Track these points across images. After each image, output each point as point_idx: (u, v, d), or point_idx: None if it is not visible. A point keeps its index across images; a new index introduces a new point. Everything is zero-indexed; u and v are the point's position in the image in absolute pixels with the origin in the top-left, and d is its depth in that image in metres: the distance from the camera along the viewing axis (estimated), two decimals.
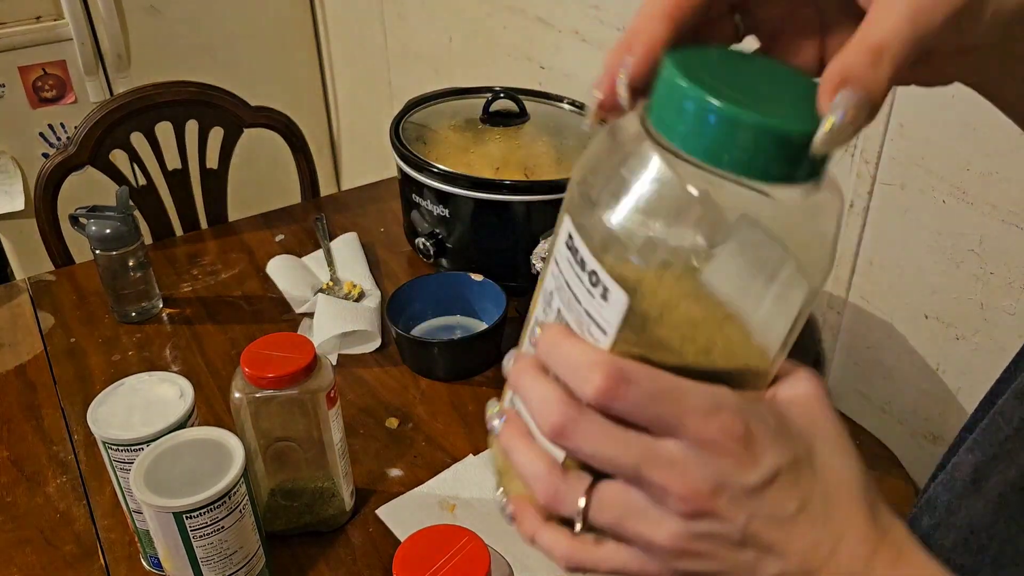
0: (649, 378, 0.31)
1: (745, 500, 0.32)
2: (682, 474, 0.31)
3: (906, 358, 0.89)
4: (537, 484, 0.34)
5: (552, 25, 1.27)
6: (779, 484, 0.32)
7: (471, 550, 0.56)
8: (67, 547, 0.78)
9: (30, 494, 0.84)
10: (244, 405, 0.71)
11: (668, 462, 0.31)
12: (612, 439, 0.32)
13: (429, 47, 1.65)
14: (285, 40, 2.09)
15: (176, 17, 1.92)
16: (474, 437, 0.89)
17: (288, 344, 0.72)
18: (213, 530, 0.63)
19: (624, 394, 0.31)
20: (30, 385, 0.98)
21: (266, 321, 1.08)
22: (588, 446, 0.32)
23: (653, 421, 0.31)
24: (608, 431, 0.32)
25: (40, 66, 1.80)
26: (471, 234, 1.08)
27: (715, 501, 0.32)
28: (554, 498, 0.34)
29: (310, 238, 1.25)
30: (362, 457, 0.87)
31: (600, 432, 0.32)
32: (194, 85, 1.37)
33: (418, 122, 1.18)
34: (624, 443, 0.32)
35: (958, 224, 0.79)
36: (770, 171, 0.29)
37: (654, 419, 0.31)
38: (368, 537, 0.78)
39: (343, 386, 0.96)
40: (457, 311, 1.05)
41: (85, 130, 1.29)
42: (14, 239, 1.87)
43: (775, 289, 0.32)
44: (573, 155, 1.11)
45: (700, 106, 0.29)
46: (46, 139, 1.87)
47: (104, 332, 1.06)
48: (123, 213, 1.02)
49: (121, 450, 0.67)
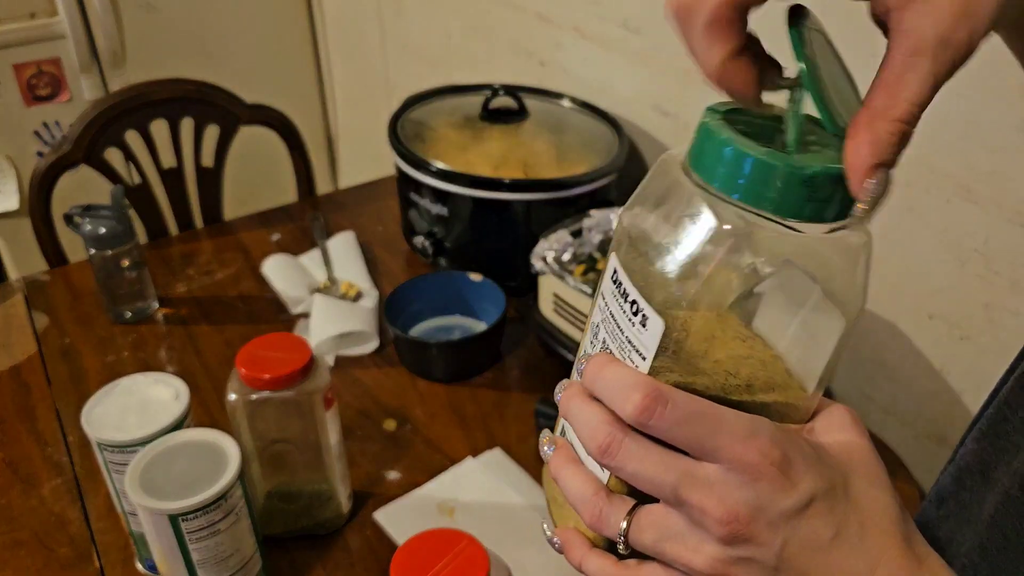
0: (687, 400, 0.33)
1: (782, 525, 0.33)
2: (720, 497, 0.33)
3: (910, 359, 0.88)
4: (583, 506, 0.36)
5: (552, 21, 1.26)
6: (815, 510, 0.33)
7: (470, 553, 0.56)
8: (62, 550, 0.77)
9: (24, 496, 0.83)
10: (240, 407, 0.70)
11: (706, 484, 0.33)
12: (653, 459, 0.33)
13: (428, 43, 1.64)
14: (282, 37, 2.09)
15: (172, 14, 1.91)
16: (473, 439, 0.88)
17: (284, 345, 0.71)
18: (209, 533, 0.63)
19: (662, 413, 0.32)
20: (24, 386, 0.97)
21: (262, 321, 1.07)
22: (631, 465, 0.34)
23: (692, 443, 0.33)
24: (649, 451, 0.33)
25: (35, 64, 1.79)
26: (470, 233, 1.07)
27: (752, 525, 0.33)
28: (599, 519, 0.36)
29: (307, 237, 1.24)
30: (359, 459, 0.86)
31: (642, 452, 0.33)
32: (190, 83, 1.37)
33: (416, 120, 1.17)
34: (664, 464, 0.33)
35: (963, 223, 0.79)
36: (800, 210, 0.32)
37: (692, 440, 0.33)
38: (366, 540, 0.78)
39: (340, 387, 0.95)
40: (456, 311, 1.05)
41: (80, 128, 1.28)
42: (8, 238, 1.86)
43: (813, 326, 0.35)
44: (573, 153, 1.11)
45: (736, 152, 0.32)
46: (40, 137, 1.86)
47: (99, 332, 1.05)
48: (118, 212, 1.01)
49: (116, 452, 0.66)
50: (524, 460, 0.85)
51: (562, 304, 0.93)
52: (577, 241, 0.96)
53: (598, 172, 1.04)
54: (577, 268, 0.93)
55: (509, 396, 0.94)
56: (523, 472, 0.84)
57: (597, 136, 1.14)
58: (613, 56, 1.16)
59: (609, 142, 1.12)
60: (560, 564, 0.75)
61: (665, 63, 1.08)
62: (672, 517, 0.34)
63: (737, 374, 0.34)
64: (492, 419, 0.91)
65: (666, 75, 1.09)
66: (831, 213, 0.32)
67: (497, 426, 0.90)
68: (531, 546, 0.76)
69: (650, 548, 0.35)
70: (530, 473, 0.84)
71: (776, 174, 0.31)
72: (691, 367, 0.34)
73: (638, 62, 1.12)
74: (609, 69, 1.18)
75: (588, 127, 1.16)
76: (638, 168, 1.16)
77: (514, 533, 0.77)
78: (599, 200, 1.06)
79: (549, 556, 0.75)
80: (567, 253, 0.94)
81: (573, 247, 0.95)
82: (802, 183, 0.31)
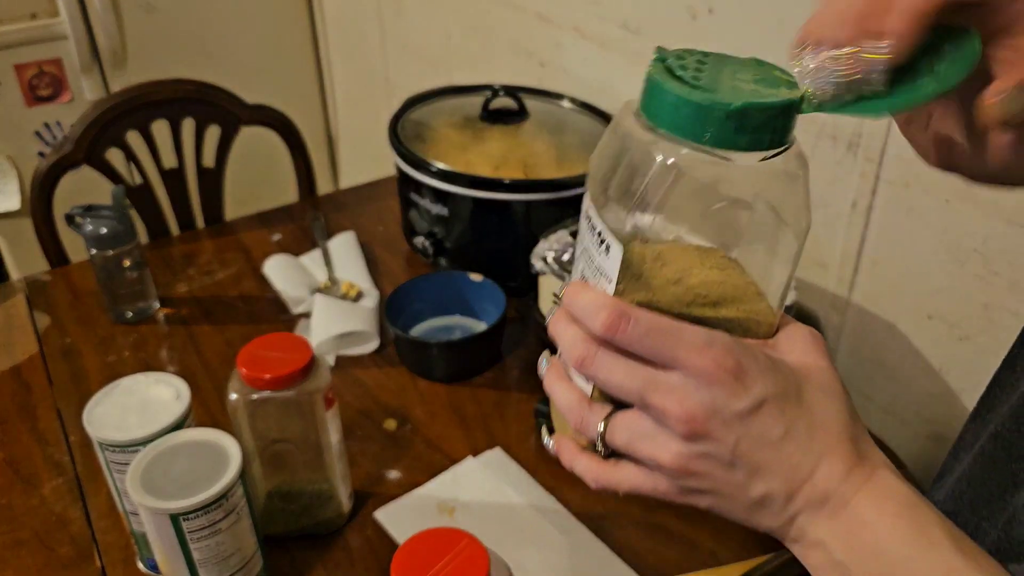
0: (648, 317, 0.38)
1: (735, 423, 0.37)
2: (680, 399, 0.37)
3: (909, 359, 0.88)
4: (570, 414, 0.42)
5: (552, 21, 1.26)
6: (766, 411, 0.38)
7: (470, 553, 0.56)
8: (63, 549, 0.78)
9: (25, 496, 0.83)
10: (241, 406, 0.70)
11: (668, 389, 0.37)
12: (621, 369, 0.38)
13: (428, 43, 1.65)
14: (282, 37, 2.09)
15: (172, 15, 1.91)
16: (473, 439, 0.89)
17: (285, 345, 0.71)
18: (210, 532, 0.63)
19: (625, 329, 0.37)
20: (25, 386, 0.97)
21: (263, 321, 1.07)
22: (602, 374, 0.39)
23: (654, 353, 0.38)
24: (618, 362, 0.38)
25: (36, 64, 1.79)
26: (470, 233, 1.07)
27: (708, 424, 0.37)
28: (581, 423, 0.41)
29: (307, 237, 1.24)
30: (360, 459, 0.86)
31: (612, 363, 0.39)
32: (191, 83, 1.37)
33: (417, 120, 1.17)
34: (631, 373, 0.38)
35: (962, 224, 0.79)
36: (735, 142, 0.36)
37: (654, 352, 0.38)
38: (366, 540, 0.78)
39: (341, 387, 0.95)
40: (456, 311, 1.05)
41: (81, 129, 1.28)
42: (9, 238, 1.87)
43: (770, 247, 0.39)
44: (573, 153, 1.11)
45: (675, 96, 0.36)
46: (42, 138, 1.86)
47: (100, 332, 1.05)
48: (119, 212, 1.01)
49: (117, 451, 0.66)
50: (524, 460, 0.85)
51: None
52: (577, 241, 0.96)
53: None
54: None
55: (509, 396, 0.94)
56: (523, 472, 0.84)
57: (597, 136, 1.13)
58: (613, 56, 1.16)
59: None
60: (560, 564, 0.75)
61: None
62: (641, 420, 0.39)
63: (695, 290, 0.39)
64: (492, 419, 0.91)
65: None
66: (763, 142, 0.36)
67: (497, 426, 0.90)
68: (531, 545, 0.76)
69: (624, 447, 0.40)
70: (530, 473, 0.84)
71: (707, 111, 0.35)
72: (652, 288, 0.39)
73: (638, 62, 1.12)
74: (609, 69, 1.18)
75: (588, 127, 1.16)
76: None
77: (514, 532, 0.77)
78: None
79: (549, 555, 0.75)
80: (567, 253, 0.94)
81: (573, 247, 0.95)
82: (728, 117, 0.35)
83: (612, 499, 0.81)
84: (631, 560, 0.75)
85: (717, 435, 0.37)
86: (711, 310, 0.39)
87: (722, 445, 0.38)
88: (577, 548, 0.76)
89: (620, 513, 0.80)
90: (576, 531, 0.78)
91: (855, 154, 0.86)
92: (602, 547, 0.76)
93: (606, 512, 0.80)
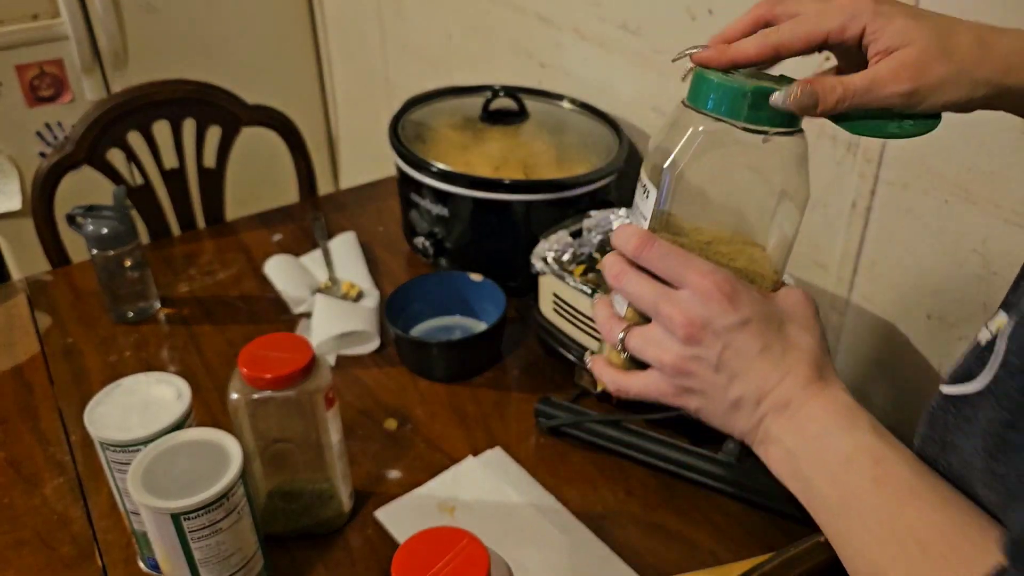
0: (667, 245, 0.49)
1: (723, 334, 0.48)
2: (683, 310, 0.48)
3: (909, 359, 0.88)
4: (603, 326, 0.53)
5: (552, 22, 1.26)
6: (749, 329, 0.48)
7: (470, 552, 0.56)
8: (64, 549, 0.78)
9: (27, 496, 0.83)
10: (241, 406, 0.71)
11: (676, 301, 0.48)
12: (644, 284, 0.50)
13: (428, 44, 1.65)
14: (283, 38, 2.09)
15: (174, 15, 1.92)
16: (473, 439, 0.89)
17: (286, 344, 0.71)
18: (211, 532, 0.63)
19: (648, 251, 0.49)
20: (27, 386, 0.98)
21: (264, 321, 1.07)
22: (630, 287, 0.50)
23: (669, 273, 0.49)
24: (642, 278, 0.50)
25: (37, 64, 1.80)
26: (470, 234, 1.08)
27: (702, 332, 0.48)
28: (608, 332, 0.52)
29: (308, 238, 1.24)
30: (360, 459, 0.86)
31: (638, 278, 0.50)
32: (191, 83, 1.37)
33: (417, 120, 1.17)
34: (651, 287, 0.49)
35: (961, 224, 0.79)
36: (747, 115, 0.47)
37: (669, 271, 0.49)
38: (367, 539, 0.78)
39: (341, 387, 0.96)
40: (456, 311, 1.05)
41: (82, 129, 1.28)
42: (11, 239, 1.87)
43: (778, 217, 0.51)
44: (573, 154, 1.11)
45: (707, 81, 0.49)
46: (43, 138, 1.86)
47: (101, 332, 1.06)
48: (120, 212, 1.01)
49: (118, 451, 0.67)
50: (524, 459, 0.85)
51: (562, 304, 0.93)
52: (577, 242, 0.97)
53: (598, 173, 1.05)
54: (577, 268, 0.93)
55: (509, 396, 0.95)
56: (523, 471, 0.84)
57: (597, 137, 1.14)
58: (613, 57, 1.16)
59: (609, 143, 1.12)
60: (560, 563, 0.75)
61: (665, 64, 1.08)
62: (652, 329, 0.50)
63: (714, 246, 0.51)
64: (492, 419, 0.91)
65: (666, 76, 1.09)
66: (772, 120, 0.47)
67: (497, 426, 0.90)
68: (531, 545, 0.76)
69: (638, 351, 0.51)
70: (530, 472, 0.84)
71: (729, 91, 0.47)
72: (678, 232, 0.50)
73: (638, 63, 1.12)
74: (609, 70, 1.18)
75: (588, 128, 1.17)
76: (638, 169, 1.16)
77: (514, 532, 0.78)
78: (599, 201, 1.06)
79: (549, 555, 0.75)
80: (567, 254, 0.95)
81: (573, 247, 0.95)
82: (743, 95, 0.47)
83: (612, 499, 0.81)
84: (631, 560, 0.75)
85: (707, 342, 0.48)
86: (724, 259, 0.50)
87: (711, 351, 0.48)
88: (577, 548, 0.76)
89: (620, 513, 0.80)
90: (576, 530, 0.78)
91: (854, 155, 0.86)
92: (602, 546, 0.76)
93: (606, 512, 0.80)
